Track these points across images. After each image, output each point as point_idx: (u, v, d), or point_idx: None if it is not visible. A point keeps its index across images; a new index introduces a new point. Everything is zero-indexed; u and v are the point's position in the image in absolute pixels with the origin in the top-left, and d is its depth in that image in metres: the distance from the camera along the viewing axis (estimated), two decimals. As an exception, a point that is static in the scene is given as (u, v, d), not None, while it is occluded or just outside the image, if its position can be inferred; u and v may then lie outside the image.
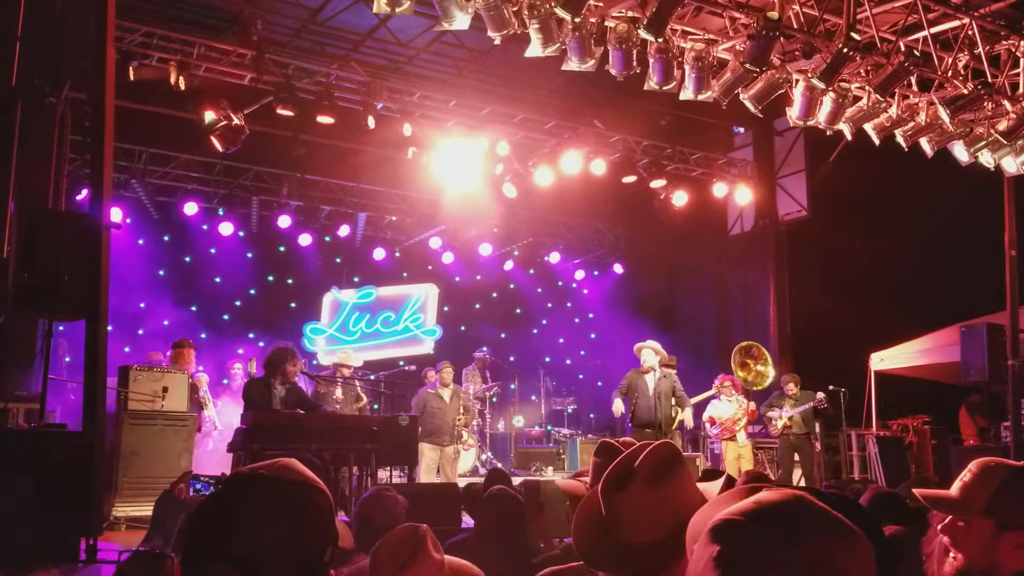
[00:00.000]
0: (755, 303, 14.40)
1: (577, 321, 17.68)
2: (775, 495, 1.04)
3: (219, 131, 10.42)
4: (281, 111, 10.38)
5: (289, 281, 15.07)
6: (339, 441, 7.39)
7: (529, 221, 15.74)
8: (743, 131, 14.66)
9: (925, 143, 9.40)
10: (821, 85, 8.12)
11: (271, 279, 14.89)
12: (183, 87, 9.87)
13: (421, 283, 15.94)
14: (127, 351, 12.06)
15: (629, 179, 13.14)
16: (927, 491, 2.12)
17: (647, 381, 9.81)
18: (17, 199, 6.37)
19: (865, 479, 10.70)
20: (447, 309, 16.15)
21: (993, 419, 11.57)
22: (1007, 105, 8.91)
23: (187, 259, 14.21)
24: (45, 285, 5.65)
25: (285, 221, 13.80)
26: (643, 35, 7.52)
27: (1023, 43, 8.67)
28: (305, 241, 14.34)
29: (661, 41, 7.79)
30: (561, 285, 17.60)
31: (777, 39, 7.70)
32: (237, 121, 10.41)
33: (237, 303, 14.38)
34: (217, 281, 14.26)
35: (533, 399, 15.09)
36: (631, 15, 7.81)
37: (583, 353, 17.41)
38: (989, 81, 8.54)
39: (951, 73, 8.60)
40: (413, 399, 10.49)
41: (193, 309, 13.61)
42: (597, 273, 17.52)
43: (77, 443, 5.54)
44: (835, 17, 8.11)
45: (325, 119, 10.67)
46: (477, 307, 16.68)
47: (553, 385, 15.14)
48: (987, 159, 9.53)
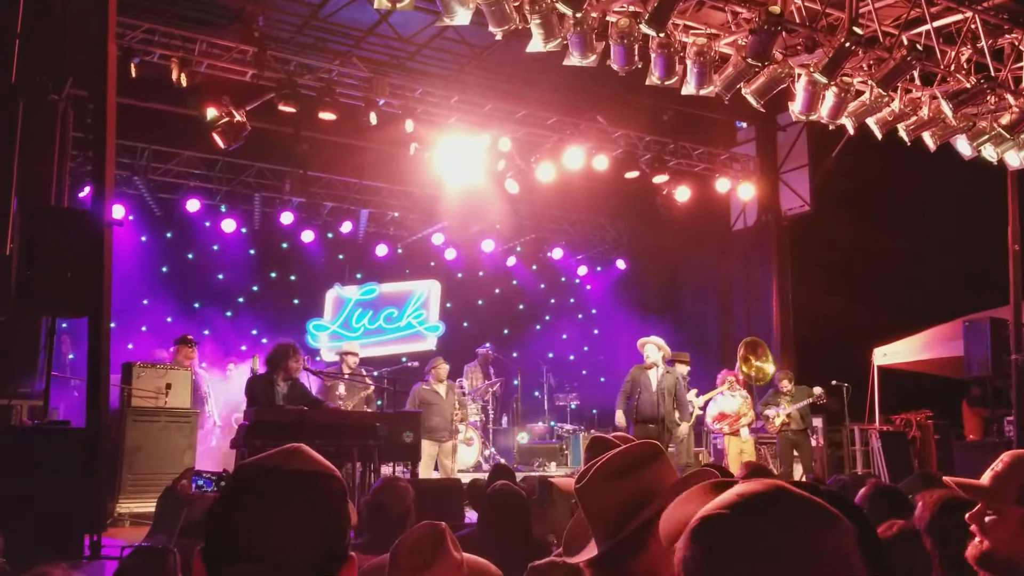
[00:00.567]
0: (758, 298, 14.39)
1: (580, 317, 17.69)
2: (755, 486, 1.03)
3: (221, 128, 10.42)
4: (283, 107, 10.38)
5: (292, 278, 15.09)
6: (342, 437, 7.38)
7: (531, 217, 15.71)
8: (745, 126, 14.62)
9: (928, 137, 9.38)
10: (823, 79, 8.10)
11: (274, 276, 14.88)
12: (185, 84, 9.86)
13: (424, 279, 15.96)
14: (130, 348, 12.05)
15: (632, 174, 13.11)
16: (959, 479, 2.17)
17: (650, 377, 9.79)
18: (19, 196, 6.37)
19: (868, 474, 10.67)
20: (450, 305, 16.18)
21: (995, 413, 11.54)
22: (1010, 99, 8.88)
23: (190, 256, 14.23)
24: (48, 282, 5.66)
25: (287, 218, 13.82)
26: (645, 30, 7.51)
27: (1026, 37, 8.66)
28: (308, 238, 14.35)
29: (663, 36, 7.79)
30: (564, 281, 17.60)
31: (779, 33, 7.68)
32: (239, 118, 10.40)
33: (240, 300, 14.41)
34: (220, 278, 14.28)
35: (536, 395, 15.11)
36: (633, 10, 7.79)
37: (586, 349, 17.43)
38: (992, 75, 8.50)
39: (954, 67, 8.58)
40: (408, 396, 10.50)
41: (196, 306, 13.64)
42: (600, 269, 17.53)
43: (80, 440, 5.56)
44: (837, 11, 8.09)
45: (327, 115, 10.67)
46: (480, 303, 16.69)
47: (556, 381, 15.15)
48: (990, 153, 9.51)
